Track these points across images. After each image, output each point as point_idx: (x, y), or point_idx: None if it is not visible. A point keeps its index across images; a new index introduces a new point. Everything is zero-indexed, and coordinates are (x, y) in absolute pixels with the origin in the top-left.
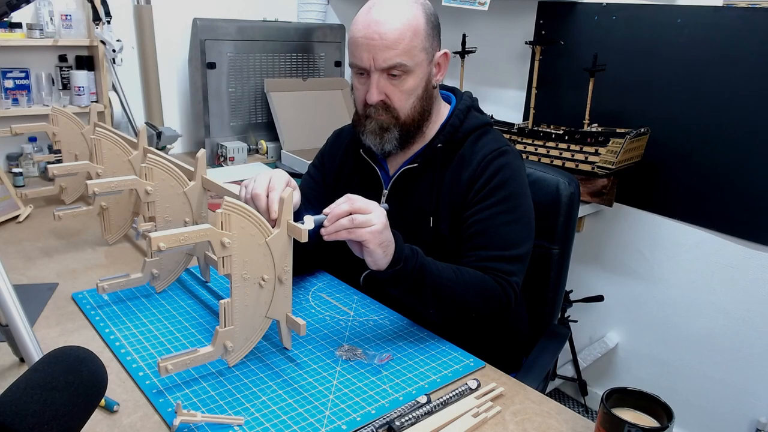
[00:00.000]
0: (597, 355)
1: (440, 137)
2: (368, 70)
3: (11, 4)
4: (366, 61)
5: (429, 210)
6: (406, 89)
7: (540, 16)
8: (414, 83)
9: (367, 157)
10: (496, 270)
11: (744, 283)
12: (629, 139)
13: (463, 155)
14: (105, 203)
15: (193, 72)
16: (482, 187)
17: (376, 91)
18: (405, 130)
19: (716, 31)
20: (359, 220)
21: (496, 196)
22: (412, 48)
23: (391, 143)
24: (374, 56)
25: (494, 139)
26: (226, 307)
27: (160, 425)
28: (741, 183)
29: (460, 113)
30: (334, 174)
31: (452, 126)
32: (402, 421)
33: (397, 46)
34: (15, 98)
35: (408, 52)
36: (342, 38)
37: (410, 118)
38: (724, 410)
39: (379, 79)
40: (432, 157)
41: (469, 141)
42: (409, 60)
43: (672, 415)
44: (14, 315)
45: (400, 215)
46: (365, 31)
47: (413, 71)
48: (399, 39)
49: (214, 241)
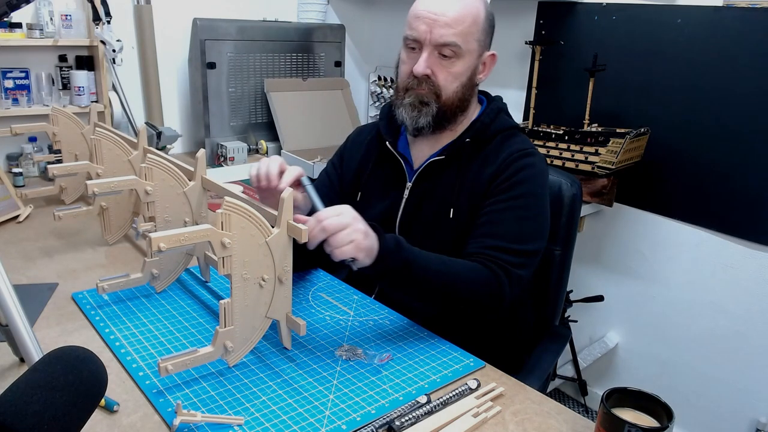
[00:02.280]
0: (597, 355)
1: (469, 132)
2: (422, 44)
3: (11, 4)
4: (423, 33)
5: (450, 202)
6: (453, 71)
7: (540, 16)
8: (462, 68)
9: (393, 150)
10: (496, 259)
11: (744, 283)
12: (629, 139)
13: (489, 153)
14: (105, 203)
15: (193, 72)
16: (502, 182)
17: (424, 63)
18: (442, 111)
19: (716, 31)
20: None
21: (513, 191)
22: (469, 33)
23: (426, 118)
24: (432, 30)
25: (522, 141)
26: (226, 307)
27: (160, 425)
28: (741, 183)
29: (492, 112)
30: (354, 170)
31: (482, 123)
32: (402, 421)
33: (456, 26)
34: (15, 98)
35: (464, 35)
36: (342, 38)
37: (450, 100)
38: (724, 410)
39: (430, 54)
40: (459, 151)
41: (496, 140)
42: (464, 43)
43: (672, 415)
44: (14, 315)
45: (421, 207)
46: (430, 4)
47: (463, 56)
48: (460, 20)
49: (214, 242)
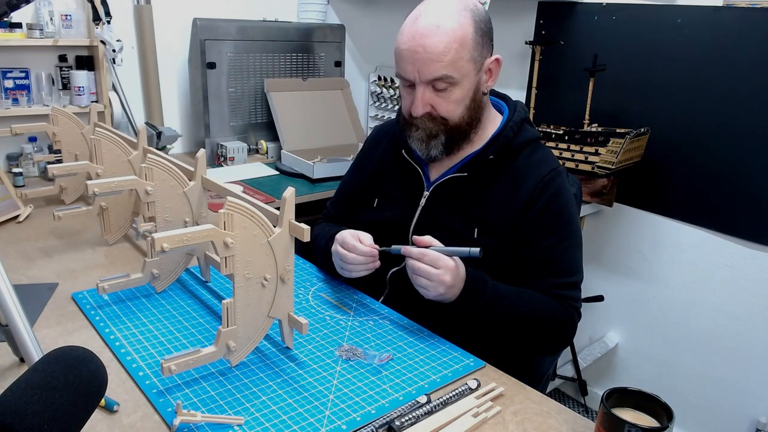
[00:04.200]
0: (597, 355)
1: (492, 148)
2: (411, 82)
3: (11, 4)
4: (411, 73)
5: (475, 221)
6: (453, 100)
7: (540, 16)
8: (461, 94)
9: (409, 158)
10: (566, 298)
11: (744, 283)
12: (629, 139)
13: (517, 170)
14: (105, 203)
15: (193, 72)
16: (543, 211)
17: (421, 104)
18: (451, 137)
19: (716, 31)
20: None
21: (558, 220)
22: (458, 59)
23: (437, 149)
24: (419, 69)
25: (547, 156)
26: (228, 307)
27: (160, 425)
28: (741, 183)
29: (515, 126)
30: (371, 173)
31: (506, 138)
32: (402, 421)
33: (443, 59)
34: (15, 98)
35: (454, 64)
36: (342, 38)
37: (458, 126)
38: (724, 410)
39: (424, 92)
40: (482, 168)
41: (523, 155)
42: (455, 72)
43: (672, 415)
44: (14, 315)
45: (439, 219)
46: (410, 43)
47: (460, 83)
48: (444, 51)
49: (217, 242)
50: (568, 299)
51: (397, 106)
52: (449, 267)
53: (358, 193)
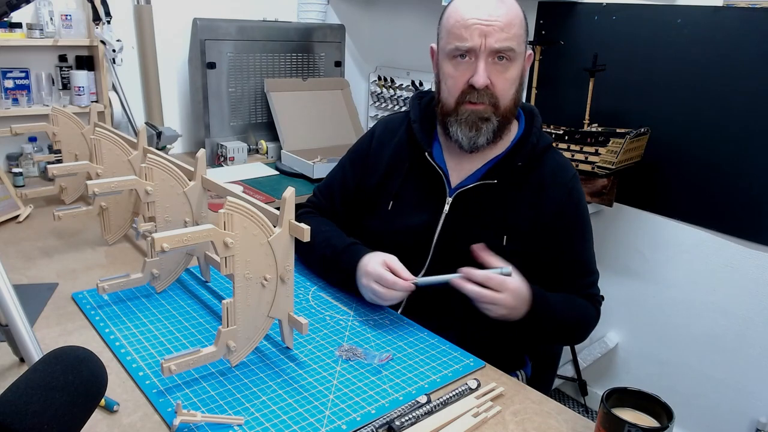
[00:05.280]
0: (597, 355)
1: (521, 155)
2: (476, 53)
3: (11, 4)
4: (477, 41)
5: (504, 229)
6: (509, 77)
7: (540, 16)
8: (516, 72)
9: (432, 161)
10: (593, 295)
11: (744, 283)
12: (629, 139)
13: (540, 176)
14: (105, 203)
15: (193, 72)
16: (572, 217)
17: (484, 74)
18: (501, 123)
19: (716, 31)
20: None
21: (579, 220)
22: (520, 35)
23: (486, 135)
24: (487, 36)
25: (565, 161)
26: (228, 307)
27: (160, 425)
28: (741, 183)
29: (537, 131)
30: (383, 174)
31: (532, 144)
32: (402, 421)
33: (510, 30)
34: (15, 98)
35: (518, 38)
36: (342, 38)
37: (508, 109)
38: (724, 410)
39: (486, 63)
40: (511, 175)
41: (544, 161)
42: (518, 46)
43: (672, 415)
44: (14, 315)
45: (465, 227)
46: (476, 11)
47: (517, 60)
48: (512, 23)
49: (217, 242)
50: (595, 296)
51: (397, 106)
52: (513, 289)
53: (362, 192)
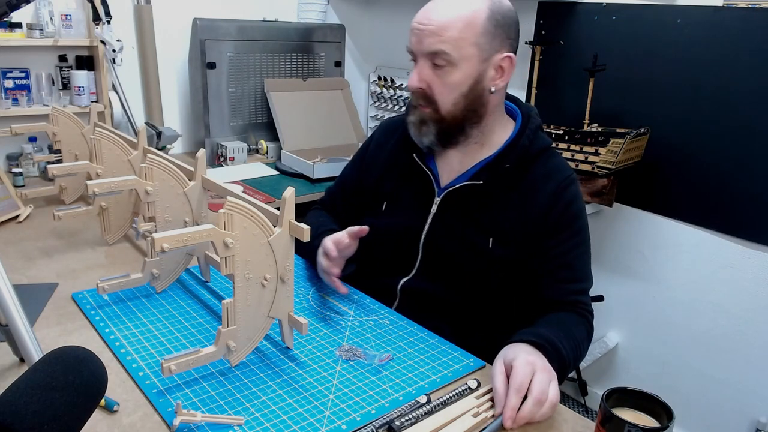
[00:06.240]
0: (597, 355)
1: (510, 157)
2: (416, 56)
3: (11, 4)
4: (414, 45)
5: (490, 231)
6: (449, 82)
7: (540, 16)
8: (459, 78)
9: (420, 162)
10: (581, 303)
11: (744, 283)
12: (629, 139)
13: (532, 179)
14: (105, 203)
15: (193, 72)
16: (559, 218)
17: (417, 77)
18: (444, 127)
19: (716, 31)
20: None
21: (573, 227)
22: (460, 39)
23: (428, 137)
24: (420, 40)
25: (561, 163)
26: (228, 306)
27: (160, 425)
28: (741, 183)
29: (531, 133)
30: (378, 176)
31: (523, 147)
32: (402, 421)
33: (443, 34)
34: (15, 98)
35: (454, 42)
36: (342, 38)
37: (451, 114)
38: (724, 410)
39: (423, 66)
40: (497, 176)
41: (537, 164)
42: (454, 51)
43: (672, 415)
44: (14, 315)
45: (451, 228)
46: (419, 15)
47: (458, 64)
48: (447, 26)
49: (217, 242)
50: (582, 304)
51: (397, 106)
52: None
53: (361, 193)
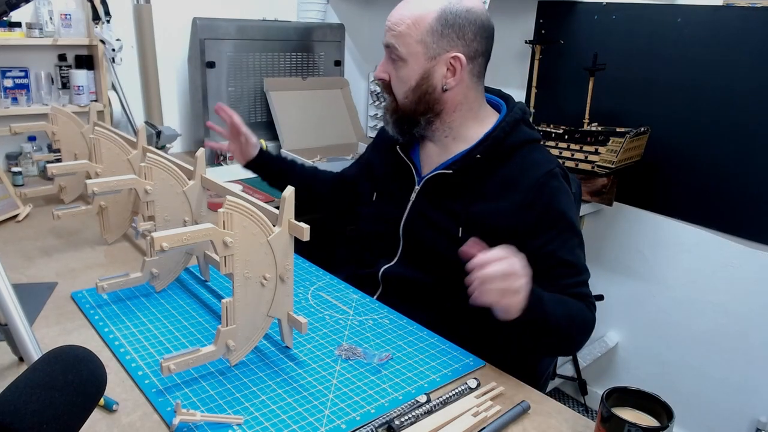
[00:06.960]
0: (597, 355)
1: (480, 148)
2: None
3: (10, 3)
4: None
5: (460, 219)
6: (399, 76)
7: (540, 15)
8: (406, 73)
9: (402, 153)
10: (582, 296)
11: (744, 283)
12: (629, 138)
13: (510, 173)
14: (104, 202)
15: (192, 71)
16: (542, 216)
17: (380, 68)
18: (398, 117)
19: (716, 31)
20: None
21: (559, 225)
22: (406, 36)
23: (389, 126)
24: (384, 34)
25: (543, 158)
26: (228, 306)
27: (160, 425)
28: (741, 182)
29: (507, 126)
30: (374, 167)
31: (495, 139)
32: (401, 421)
33: (395, 29)
34: (14, 97)
35: (401, 38)
36: (342, 38)
37: (404, 106)
38: (725, 410)
39: (385, 59)
40: (469, 167)
41: (516, 157)
42: (401, 47)
43: (672, 414)
44: (13, 314)
45: (427, 216)
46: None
47: (406, 60)
48: (398, 23)
49: (216, 241)
50: (585, 296)
51: None
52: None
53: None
